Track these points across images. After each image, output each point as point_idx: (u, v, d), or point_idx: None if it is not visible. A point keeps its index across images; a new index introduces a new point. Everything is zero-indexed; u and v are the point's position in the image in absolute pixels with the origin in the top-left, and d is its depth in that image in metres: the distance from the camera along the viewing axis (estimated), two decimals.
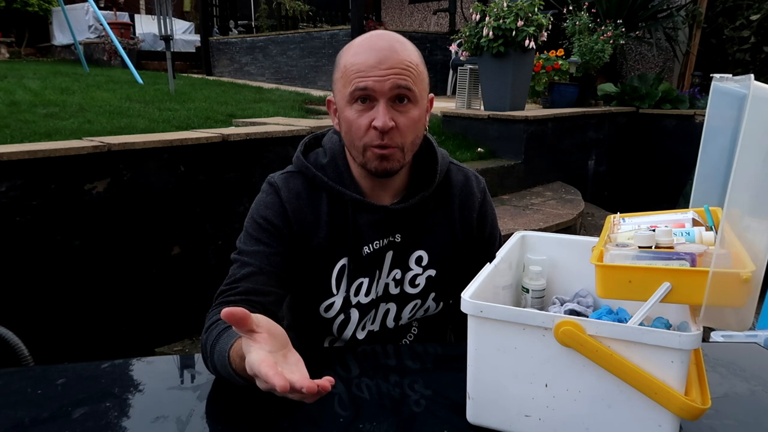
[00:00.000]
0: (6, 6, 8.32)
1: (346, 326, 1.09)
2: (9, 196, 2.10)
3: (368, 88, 0.94)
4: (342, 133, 1.03)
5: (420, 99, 0.99)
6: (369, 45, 0.97)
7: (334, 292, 1.07)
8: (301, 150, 1.10)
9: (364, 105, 0.96)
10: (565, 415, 0.71)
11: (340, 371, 1.00)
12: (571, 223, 3.45)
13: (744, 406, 0.86)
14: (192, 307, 2.70)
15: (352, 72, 0.95)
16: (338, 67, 1.00)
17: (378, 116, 0.94)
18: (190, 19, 11.22)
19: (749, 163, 0.64)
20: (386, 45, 0.96)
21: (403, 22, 9.57)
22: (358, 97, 0.95)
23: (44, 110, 3.86)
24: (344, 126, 1.00)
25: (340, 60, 1.00)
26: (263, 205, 1.05)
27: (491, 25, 4.11)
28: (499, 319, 0.72)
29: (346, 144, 1.04)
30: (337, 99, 1.01)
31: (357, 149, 1.00)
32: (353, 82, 0.95)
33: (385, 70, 0.94)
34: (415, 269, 1.10)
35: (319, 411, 0.83)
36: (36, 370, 1.07)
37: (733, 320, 0.70)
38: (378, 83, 0.94)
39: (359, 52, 0.96)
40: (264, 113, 4.35)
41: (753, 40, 5.38)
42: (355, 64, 0.95)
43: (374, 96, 0.95)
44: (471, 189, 1.15)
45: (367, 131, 0.97)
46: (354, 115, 0.97)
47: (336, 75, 1.01)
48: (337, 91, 1.01)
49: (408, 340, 1.17)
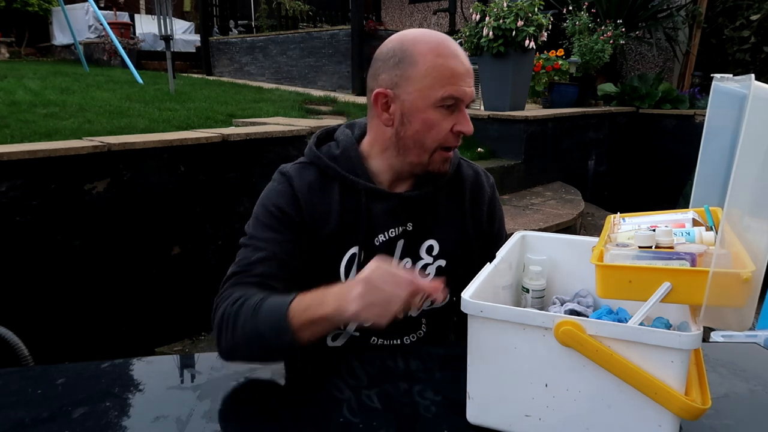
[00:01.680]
0: (6, 6, 8.32)
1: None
2: (9, 196, 2.10)
3: (460, 96, 0.99)
4: (409, 132, 1.02)
5: None
6: (453, 52, 1.00)
7: (343, 281, 1.07)
8: (314, 142, 1.11)
9: (449, 110, 1.00)
10: (565, 415, 0.71)
11: (340, 371, 1.00)
12: (571, 223, 3.45)
13: (744, 406, 0.86)
14: (192, 307, 2.70)
15: (446, 76, 0.98)
16: (416, 62, 0.98)
17: (465, 122, 1.01)
18: (190, 19, 11.22)
19: (749, 163, 0.64)
20: (462, 54, 1.02)
21: (403, 22, 9.57)
22: (450, 103, 0.99)
23: (44, 110, 3.86)
24: (419, 125, 1.01)
25: (418, 56, 0.98)
26: (275, 193, 1.06)
27: (491, 25, 4.11)
28: (499, 319, 0.72)
29: (414, 143, 1.03)
30: (412, 97, 1.00)
31: (426, 149, 1.03)
32: (448, 88, 0.98)
33: (470, 80, 1.01)
34: (425, 258, 1.11)
35: (319, 411, 0.83)
36: (36, 369, 1.08)
37: (733, 320, 0.70)
38: (467, 93, 1.00)
39: (448, 55, 0.99)
40: (264, 113, 4.34)
41: (753, 40, 5.38)
42: (448, 68, 0.98)
43: (461, 103, 1.01)
44: (481, 183, 1.18)
45: (446, 134, 1.01)
46: (439, 117, 1.00)
47: (411, 71, 0.99)
48: (415, 89, 0.99)
49: (417, 335, 1.15)
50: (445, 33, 1.09)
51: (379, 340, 1.13)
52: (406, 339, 1.15)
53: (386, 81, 1.01)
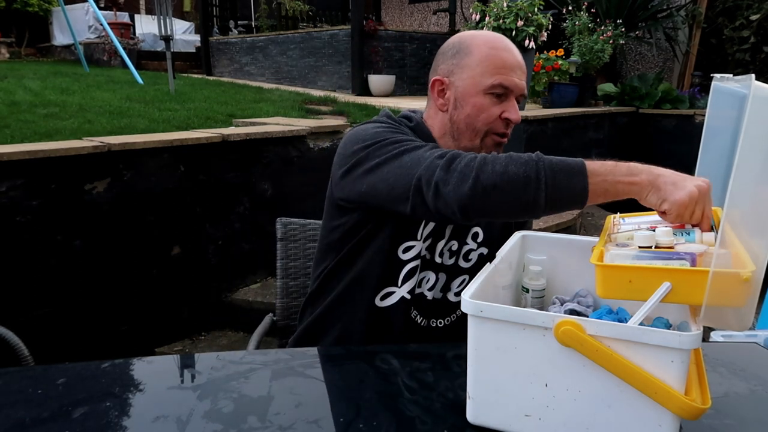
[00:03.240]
0: (6, 6, 8.32)
1: (412, 277, 1.12)
2: (9, 196, 2.10)
3: (510, 86, 1.08)
4: (461, 115, 1.11)
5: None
6: (506, 46, 1.11)
7: (417, 238, 1.11)
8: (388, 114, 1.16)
9: (499, 98, 1.09)
10: (565, 415, 0.71)
11: (341, 371, 1.00)
12: (571, 223, 3.45)
13: (744, 405, 0.86)
14: (192, 307, 2.70)
15: (498, 65, 1.08)
16: (470, 52, 1.09)
17: (513, 110, 1.09)
18: (190, 19, 11.22)
19: (750, 163, 0.64)
20: (516, 50, 1.12)
21: (403, 22, 9.57)
22: (499, 91, 1.08)
23: (44, 110, 3.86)
24: (470, 110, 1.09)
25: (474, 46, 1.10)
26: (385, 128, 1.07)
27: (491, 25, 4.11)
28: (499, 319, 0.72)
29: (466, 126, 1.11)
30: (464, 82, 1.10)
31: (476, 132, 1.10)
32: (498, 77, 1.07)
33: (521, 73, 1.10)
34: (470, 244, 1.16)
35: (319, 411, 0.83)
36: (36, 369, 1.08)
37: (733, 320, 0.70)
38: (517, 84, 1.09)
39: (501, 48, 1.09)
40: (264, 113, 4.34)
41: (753, 40, 5.38)
42: (501, 58, 1.08)
43: (509, 93, 1.09)
44: None
45: (495, 119, 1.09)
46: (488, 103, 1.08)
47: (466, 60, 1.10)
48: (468, 75, 1.09)
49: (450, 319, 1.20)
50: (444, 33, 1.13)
51: (416, 314, 1.16)
52: (435, 322, 1.18)
53: (444, 70, 1.13)
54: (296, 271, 1.51)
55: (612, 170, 0.84)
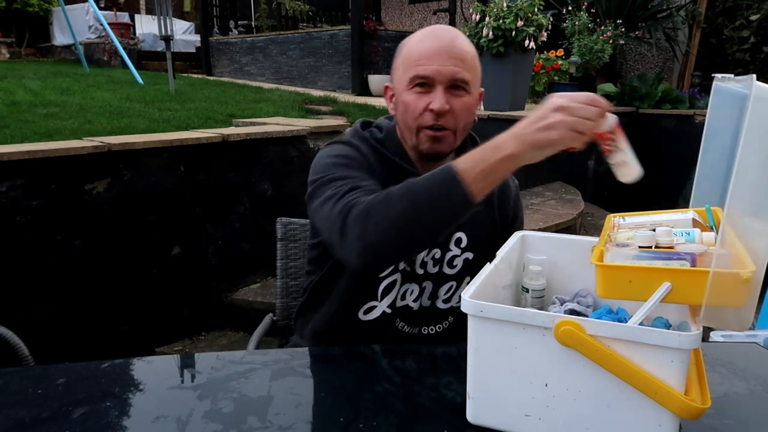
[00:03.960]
0: (6, 6, 8.31)
1: (390, 290, 1.12)
2: (9, 196, 2.10)
3: (428, 75, 1.03)
4: (398, 116, 1.11)
5: (473, 89, 1.08)
6: (431, 35, 1.06)
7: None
8: (359, 127, 1.17)
9: (422, 89, 1.04)
10: (565, 415, 0.71)
11: (341, 371, 1.00)
12: (571, 223, 3.45)
13: (744, 405, 0.86)
14: (192, 307, 2.70)
15: (414, 59, 1.05)
16: (400, 54, 1.09)
17: (435, 99, 1.03)
18: (190, 19, 11.21)
19: (750, 163, 0.64)
20: (447, 36, 1.06)
21: (403, 22, 9.57)
22: (418, 82, 1.04)
23: (44, 110, 3.86)
24: (401, 108, 1.08)
25: (403, 48, 1.09)
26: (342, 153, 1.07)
27: (491, 25, 4.11)
28: (499, 319, 0.72)
29: (401, 126, 1.11)
30: (396, 84, 1.10)
31: (411, 130, 1.07)
32: (414, 69, 1.04)
33: (445, 59, 1.03)
34: (454, 250, 1.14)
35: (319, 411, 0.83)
36: (36, 369, 1.07)
37: (733, 320, 0.70)
38: (438, 71, 1.03)
39: (422, 40, 1.06)
40: (264, 113, 4.34)
41: (753, 40, 5.38)
42: (417, 52, 1.05)
43: (433, 82, 1.03)
44: (507, 182, 1.23)
45: (422, 113, 1.05)
46: (412, 97, 1.05)
47: (397, 62, 1.10)
48: (397, 76, 1.09)
49: (440, 327, 1.19)
50: None
51: (402, 324, 1.15)
52: (426, 330, 1.17)
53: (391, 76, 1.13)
54: (296, 271, 1.51)
55: (482, 157, 0.83)
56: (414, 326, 1.17)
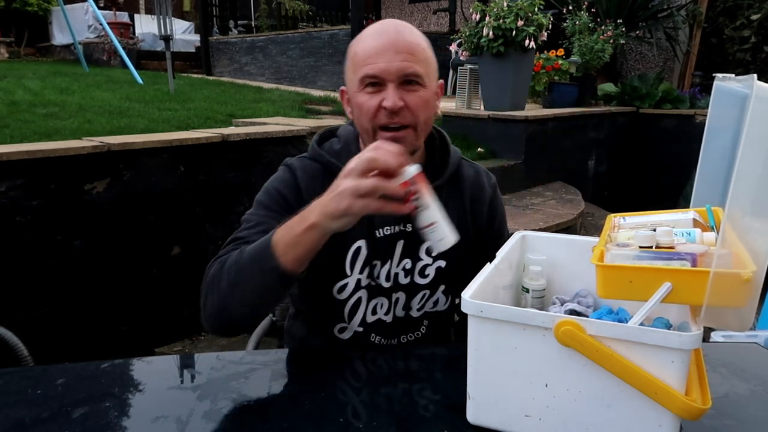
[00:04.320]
0: (5, 6, 8.31)
1: (357, 309, 1.10)
2: (9, 196, 2.10)
3: (376, 73, 0.98)
4: (354, 119, 1.07)
5: (428, 82, 1.02)
6: (377, 31, 1.01)
7: (348, 273, 1.08)
8: (316, 140, 1.14)
9: (374, 89, 1.00)
10: (565, 415, 0.71)
11: (340, 371, 1.00)
12: (571, 223, 3.45)
13: (744, 406, 0.86)
14: (192, 307, 2.70)
15: (361, 58, 1.00)
16: (349, 55, 1.04)
17: (387, 96, 0.98)
18: (189, 19, 11.22)
19: (751, 163, 0.64)
20: (393, 30, 1.00)
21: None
22: (368, 82, 0.99)
23: (44, 110, 3.86)
24: (356, 111, 1.04)
25: (351, 48, 1.04)
26: (278, 180, 1.08)
27: (491, 24, 4.11)
28: (499, 319, 0.72)
29: (359, 128, 1.07)
30: (349, 87, 1.05)
31: (368, 132, 1.03)
32: (362, 69, 0.99)
33: (393, 54, 0.98)
34: (425, 259, 1.11)
35: (318, 411, 0.83)
36: (36, 370, 1.07)
37: (733, 320, 0.70)
38: (386, 68, 0.98)
39: (368, 38, 1.01)
40: (264, 113, 4.34)
41: (753, 39, 5.38)
42: (364, 50, 1.00)
43: (383, 80, 0.98)
44: (482, 183, 1.18)
45: (377, 112, 1.00)
46: (364, 98, 1.00)
47: (347, 64, 1.05)
48: (349, 79, 1.05)
49: (416, 336, 1.16)
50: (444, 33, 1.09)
51: (378, 338, 1.13)
52: (404, 338, 1.15)
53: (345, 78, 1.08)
54: None
55: (290, 226, 0.86)
56: (390, 338, 1.14)
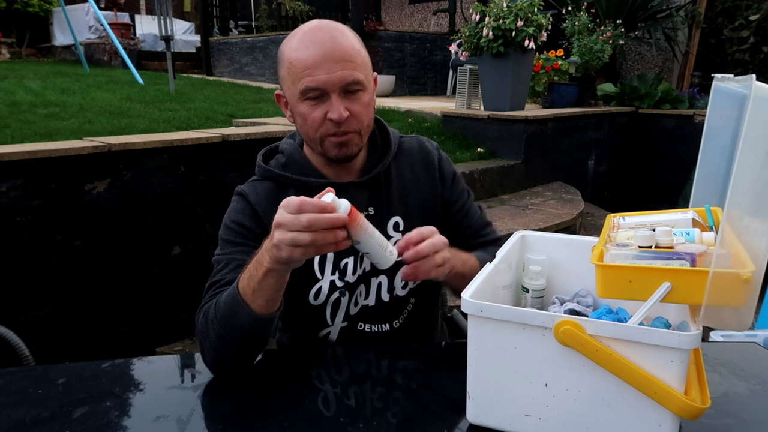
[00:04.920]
0: (7, 6, 8.32)
1: (338, 308, 1.11)
2: (9, 196, 2.10)
3: (318, 86, 0.96)
4: (298, 128, 1.06)
5: (368, 84, 1.02)
6: (310, 39, 0.97)
7: (319, 277, 1.08)
8: (260, 159, 1.14)
9: (316, 100, 0.98)
10: (565, 414, 0.71)
11: (340, 371, 1.00)
12: (570, 223, 3.45)
13: (743, 405, 0.86)
14: (192, 307, 2.70)
15: (299, 69, 0.97)
16: (282, 62, 1.01)
17: (332, 109, 0.97)
18: (190, 19, 11.23)
19: (750, 163, 0.64)
20: (327, 37, 0.97)
21: (403, 22, 9.57)
22: (310, 95, 0.98)
23: (45, 110, 3.86)
24: (299, 120, 1.03)
25: (283, 56, 1.00)
26: (234, 211, 1.10)
27: (491, 25, 4.11)
28: (499, 319, 0.72)
29: (303, 137, 1.07)
30: (287, 95, 1.03)
31: (314, 141, 1.03)
32: (302, 81, 0.96)
33: (332, 64, 0.95)
34: (395, 236, 1.11)
35: (318, 411, 0.83)
36: (37, 369, 1.08)
37: (732, 320, 0.70)
38: (327, 79, 0.96)
39: (302, 47, 0.97)
40: (264, 113, 4.35)
41: (752, 40, 5.38)
42: (301, 61, 0.96)
43: (325, 92, 0.97)
44: (426, 149, 1.19)
45: (322, 123, 0.99)
46: (307, 109, 0.99)
47: (282, 71, 1.01)
48: (286, 87, 1.02)
49: (407, 311, 1.16)
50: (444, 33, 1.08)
51: (366, 326, 1.13)
52: (395, 323, 1.15)
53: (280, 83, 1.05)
54: None
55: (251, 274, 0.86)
56: (381, 322, 1.14)
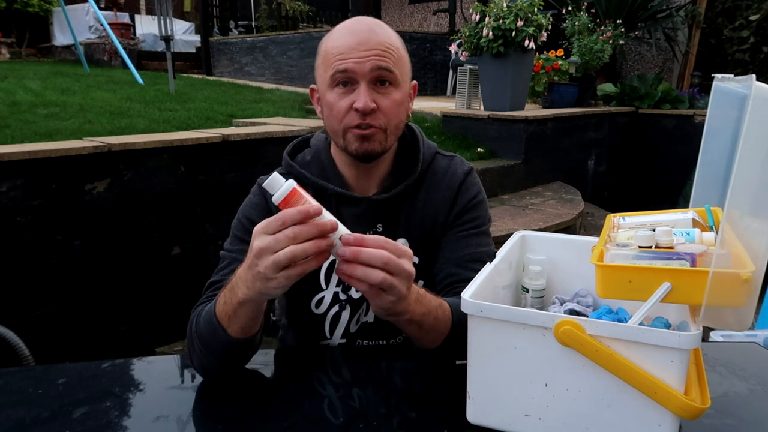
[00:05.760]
0: (7, 6, 8.32)
1: (338, 321, 1.09)
2: (10, 196, 2.10)
3: (348, 69, 0.94)
4: (324, 119, 1.03)
5: (402, 82, 0.99)
6: (349, 28, 0.98)
7: (324, 287, 1.07)
8: (288, 151, 1.11)
9: (345, 88, 0.96)
10: (565, 414, 0.71)
11: (340, 371, 1.00)
12: (570, 223, 3.45)
13: (743, 405, 0.86)
14: (192, 307, 2.70)
15: (333, 55, 0.96)
16: (319, 53, 1.01)
17: (359, 97, 0.95)
18: (190, 19, 11.23)
19: (750, 163, 0.64)
20: (366, 28, 0.97)
21: (403, 22, 9.57)
22: (339, 80, 0.96)
23: (45, 110, 3.86)
24: (326, 110, 1.00)
25: (321, 46, 1.00)
26: (249, 206, 1.08)
27: (491, 25, 4.11)
28: (499, 319, 0.72)
29: (328, 129, 1.04)
30: (319, 85, 1.02)
31: (337, 132, 1.00)
32: (333, 65, 0.95)
33: (365, 51, 0.94)
34: None
35: (318, 411, 0.83)
36: (37, 369, 1.08)
37: (732, 320, 0.70)
38: (358, 65, 0.94)
39: (339, 36, 0.98)
40: (264, 113, 4.35)
41: (752, 40, 5.38)
42: (336, 47, 0.96)
43: (355, 78, 0.95)
44: (453, 171, 1.12)
45: (347, 113, 0.97)
46: (335, 98, 0.97)
47: (318, 61, 1.01)
48: (319, 76, 1.01)
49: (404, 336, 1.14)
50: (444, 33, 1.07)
51: (365, 342, 1.12)
52: (394, 341, 1.13)
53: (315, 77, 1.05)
54: None
55: (225, 300, 0.84)
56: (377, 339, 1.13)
